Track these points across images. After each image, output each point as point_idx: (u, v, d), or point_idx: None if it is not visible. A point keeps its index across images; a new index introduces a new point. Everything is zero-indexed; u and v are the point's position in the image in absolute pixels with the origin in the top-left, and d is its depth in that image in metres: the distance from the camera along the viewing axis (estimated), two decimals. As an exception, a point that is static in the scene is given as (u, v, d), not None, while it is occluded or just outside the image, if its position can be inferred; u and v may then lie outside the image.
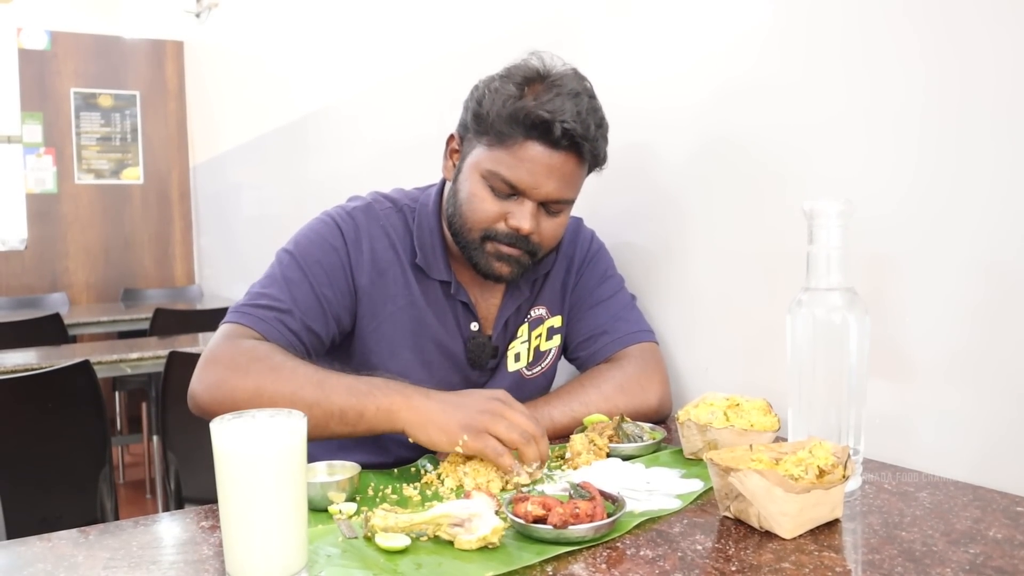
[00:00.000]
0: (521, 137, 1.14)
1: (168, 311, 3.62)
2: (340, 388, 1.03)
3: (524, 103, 1.13)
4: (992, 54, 0.95)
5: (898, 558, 0.74)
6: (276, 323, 1.15)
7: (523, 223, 1.16)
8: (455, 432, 0.97)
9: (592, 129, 1.15)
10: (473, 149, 1.20)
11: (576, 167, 1.18)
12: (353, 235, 1.24)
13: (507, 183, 1.16)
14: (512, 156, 1.15)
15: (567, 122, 1.12)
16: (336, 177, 2.98)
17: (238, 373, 1.06)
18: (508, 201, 1.17)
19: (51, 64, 4.85)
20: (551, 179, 1.15)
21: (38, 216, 4.82)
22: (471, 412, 0.98)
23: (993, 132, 0.96)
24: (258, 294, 1.19)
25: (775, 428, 1.04)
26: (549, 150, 1.14)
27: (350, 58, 2.83)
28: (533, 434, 0.98)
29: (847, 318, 0.93)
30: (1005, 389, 0.95)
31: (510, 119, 1.14)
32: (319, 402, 1.02)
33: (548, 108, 1.12)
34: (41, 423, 2.15)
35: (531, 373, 1.34)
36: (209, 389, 1.07)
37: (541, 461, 0.98)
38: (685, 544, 0.79)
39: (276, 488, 0.70)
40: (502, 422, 0.97)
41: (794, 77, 1.20)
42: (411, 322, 1.26)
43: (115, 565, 0.76)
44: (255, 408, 0.98)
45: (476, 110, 1.19)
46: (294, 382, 1.04)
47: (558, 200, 1.18)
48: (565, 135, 1.13)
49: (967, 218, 0.98)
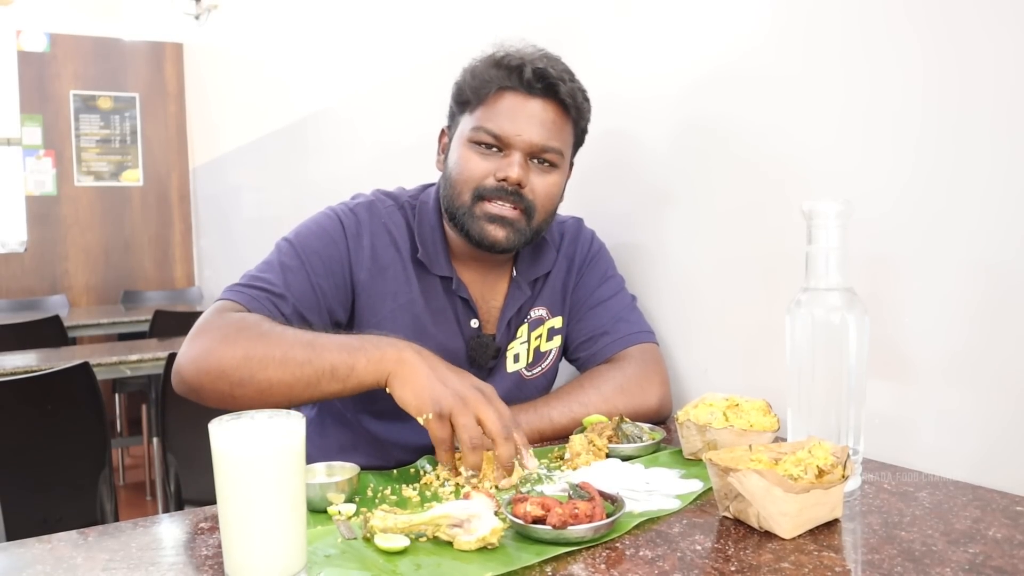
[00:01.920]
0: (496, 87, 1.20)
1: (168, 313, 3.62)
2: (331, 345, 1.02)
3: (496, 57, 1.21)
4: (992, 54, 0.95)
5: (898, 558, 0.74)
6: (268, 304, 1.15)
7: (511, 171, 1.18)
8: (426, 404, 0.95)
9: (565, 77, 1.21)
10: (458, 127, 1.25)
11: (557, 115, 1.21)
12: (354, 230, 1.25)
13: (491, 134, 1.19)
14: (490, 109, 1.20)
15: (538, 63, 1.19)
16: (335, 179, 2.98)
17: (225, 342, 1.04)
18: (495, 157, 1.20)
19: (50, 66, 4.86)
20: (532, 125, 1.19)
21: (38, 218, 4.82)
22: (449, 392, 0.95)
23: (992, 132, 0.96)
24: (253, 277, 1.19)
25: (774, 428, 1.04)
26: (525, 96, 1.19)
27: (349, 60, 2.83)
28: (497, 436, 0.94)
29: (846, 318, 0.93)
30: (1005, 389, 0.95)
31: (484, 73, 1.21)
32: (310, 360, 1.00)
33: (518, 55, 1.20)
34: (41, 425, 2.15)
35: (531, 374, 1.34)
36: (195, 360, 1.05)
37: (507, 468, 0.95)
38: (684, 544, 0.79)
39: (275, 489, 0.70)
40: (469, 417, 0.94)
41: (794, 78, 1.20)
42: (411, 319, 1.25)
43: (114, 566, 0.76)
44: (243, 375, 0.98)
45: (456, 89, 1.26)
46: (283, 344, 1.03)
47: (544, 148, 1.20)
48: (538, 77, 1.18)
49: (966, 218, 0.98)
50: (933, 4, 1.01)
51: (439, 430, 0.94)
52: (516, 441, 0.96)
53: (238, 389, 1.02)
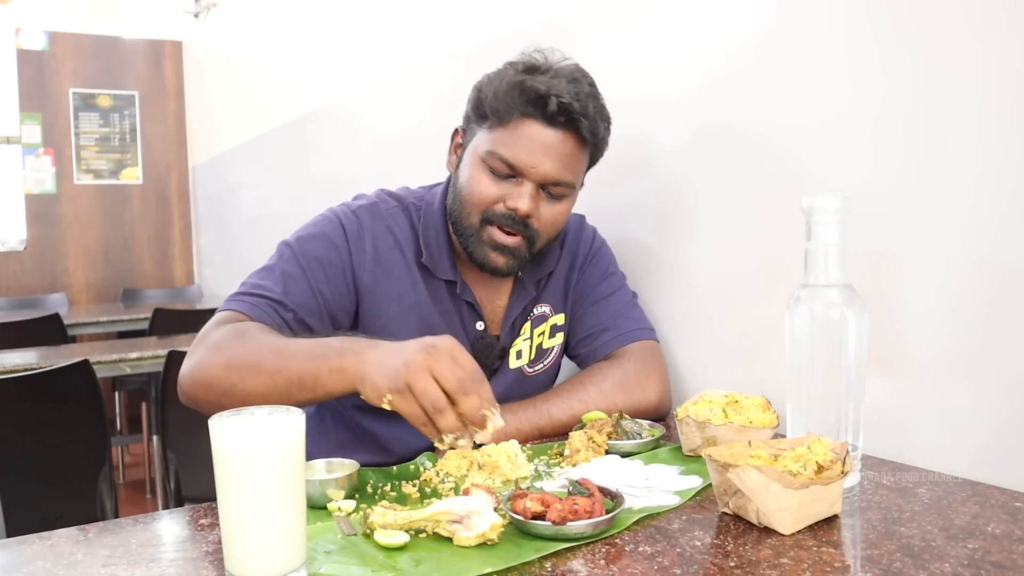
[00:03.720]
0: (518, 114, 1.16)
1: (167, 311, 3.62)
2: (299, 354, 1.00)
3: (521, 79, 1.16)
4: (993, 51, 0.95)
5: (897, 553, 0.75)
6: (269, 311, 1.15)
7: (520, 203, 1.16)
8: (382, 387, 0.90)
9: (590, 109, 1.17)
10: (474, 136, 1.21)
11: (575, 148, 1.18)
12: (356, 233, 1.24)
13: (505, 162, 1.16)
14: (509, 134, 1.16)
15: (563, 97, 1.14)
16: (336, 176, 2.98)
17: (212, 353, 1.05)
18: (507, 183, 1.18)
19: (50, 64, 4.85)
20: (548, 158, 1.16)
21: (37, 216, 4.82)
22: (398, 366, 0.90)
23: (992, 128, 0.96)
24: (253, 284, 1.18)
25: (774, 425, 1.04)
26: (546, 127, 1.15)
27: (349, 57, 2.83)
28: (454, 393, 0.88)
29: (845, 314, 0.93)
30: (1004, 385, 0.95)
31: (507, 96, 1.16)
32: (280, 370, 0.99)
33: (545, 84, 1.15)
34: (40, 423, 2.15)
35: (532, 370, 1.34)
36: (189, 373, 1.07)
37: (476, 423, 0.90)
38: (684, 540, 0.79)
39: (274, 485, 0.70)
40: (425, 380, 0.88)
41: (795, 73, 1.20)
42: (418, 322, 1.25)
43: (114, 563, 0.76)
44: (226, 386, 0.97)
45: (476, 97, 1.21)
46: (258, 353, 1.02)
47: (557, 182, 1.18)
48: (561, 110, 1.14)
49: (965, 214, 0.98)
50: (934, 2, 1.01)
51: (404, 406, 0.89)
52: (479, 395, 0.91)
53: (225, 399, 1.01)
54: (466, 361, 0.91)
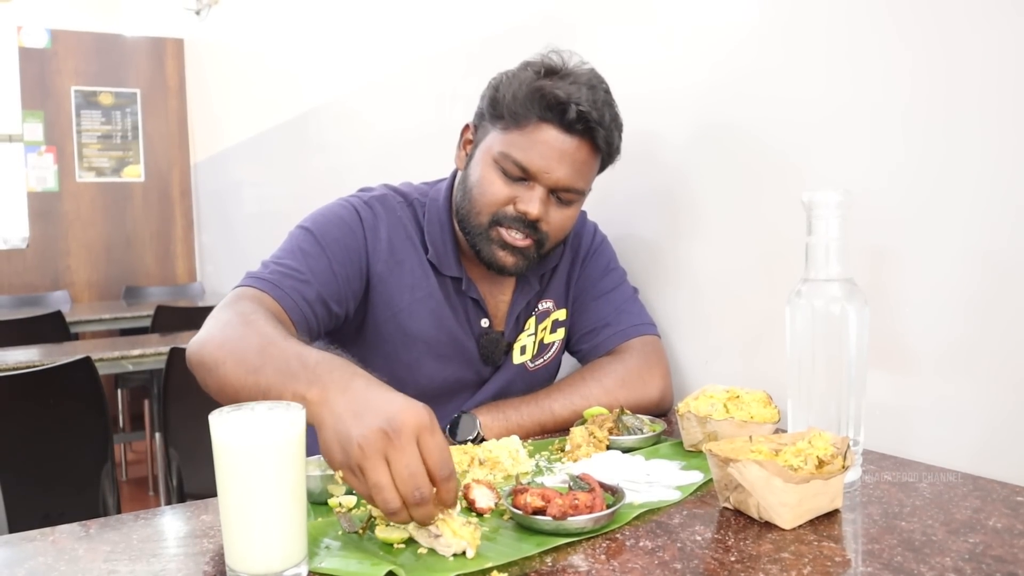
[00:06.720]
0: (536, 118, 1.15)
1: (170, 308, 3.62)
2: (275, 361, 0.88)
3: (541, 84, 1.15)
4: (993, 46, 0.95)
5: (898, 548, 0.74)
6: (292, 291, 1.12)
7: (531, 207, 1.16)
8: (335, 460, 0.77)
9: (607, 118, 1.16)
10: (487, 135, 1.21)
11: (589, 156, 1.18)
12: (372, 221, 1.24)
13: (519, 165, 1.16)
14: (525, 138, 1.15)
15: (582, 105, 1.13)
16: (337, 173, 2.98)
17: (216, 331, 1.00)
18: (518, 185, 1.17)
19: (52, 62, 4.86)
20: (563, 164, 1.16)
21: (39, 214, 4.83)
22: (353, 440, 0.74)
23: (992, 122, 0.95)
24: (275, 263, 1.16)
25: (775, 420, 1.04)
26: (563, 134, 1.15)
27: (350, 54, 2.83)
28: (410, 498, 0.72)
29: (846, 309, 0.93)
30: (1005, 379, 0.95)
31: (526, 100, 1.15)
32: (255, 371, 0.89)
33: (565, 91, 1.14)
34: (43, 420, 2.15)
35: (534, 366, 1.34)
36: (195, 344, 1.01)
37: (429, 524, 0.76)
38: (685, 535, 0.79)
39: (275, 480, 0.70)
40: (378, 468, 0.73)
41: (796, 68, 1.20)
42: (429, 315, 1.25)
43: (116, 558, 0.76)
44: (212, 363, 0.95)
45: (493, 95, 1.20)
46: (244, 346, 0.94)
47: (568, 188, 1.18)
48: (580, 118, 1.14)
49: (966, 208, 0.98)
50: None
51: (357, 485, 0.76)
52: (444, 493, 0.75)
53: (208, 377, 0.96)
54: (435, 449, 0.74)
